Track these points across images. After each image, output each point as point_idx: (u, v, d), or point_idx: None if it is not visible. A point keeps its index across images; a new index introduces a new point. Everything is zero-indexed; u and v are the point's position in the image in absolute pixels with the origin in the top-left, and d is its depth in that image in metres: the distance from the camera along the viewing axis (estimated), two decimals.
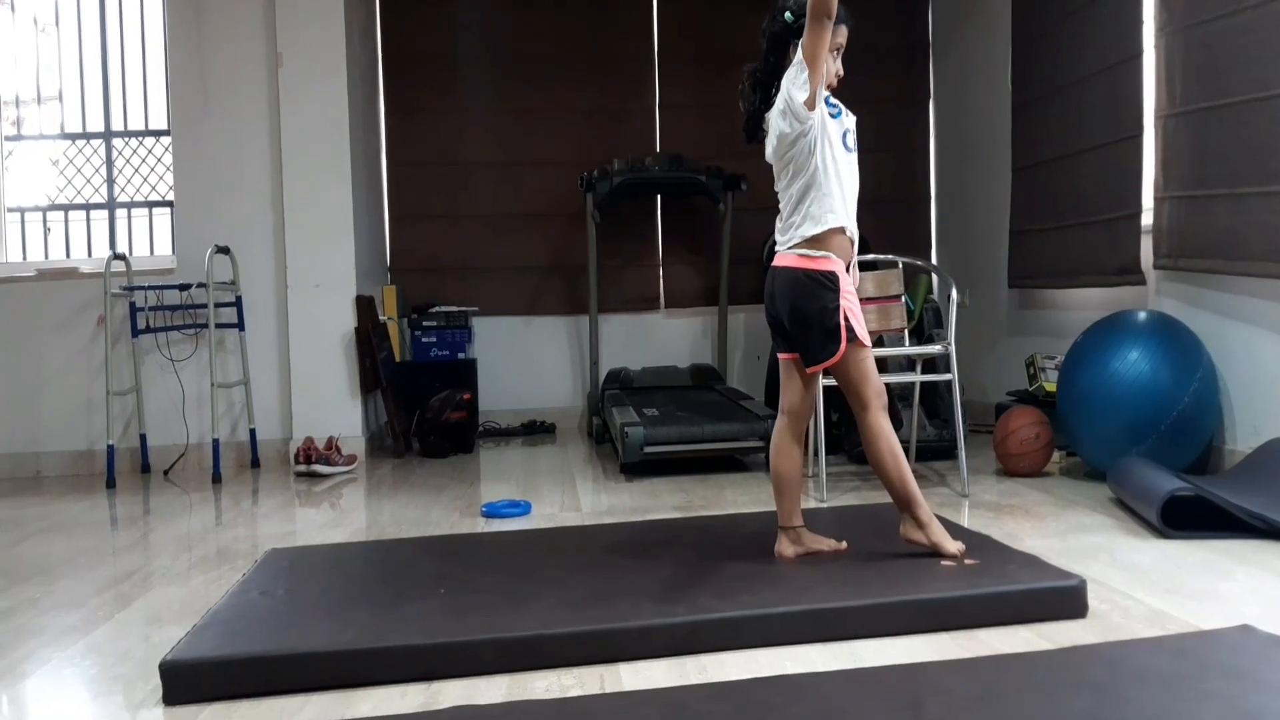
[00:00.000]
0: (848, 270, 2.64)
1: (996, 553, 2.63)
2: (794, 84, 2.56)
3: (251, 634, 2.21)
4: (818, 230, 2.58)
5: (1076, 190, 4.65)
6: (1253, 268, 3.57)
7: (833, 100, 2.63)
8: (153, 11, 5.67)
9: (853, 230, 2.64)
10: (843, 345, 2.57)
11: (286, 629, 2.25)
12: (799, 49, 2.54)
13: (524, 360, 6.33)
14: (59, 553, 3.47)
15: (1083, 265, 4.61)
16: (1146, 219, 4.16)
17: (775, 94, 2.64)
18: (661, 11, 6.39)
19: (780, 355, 2.75)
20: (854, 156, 2.66)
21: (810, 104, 2.54)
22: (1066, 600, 2.29)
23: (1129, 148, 4.22)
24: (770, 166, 2.72)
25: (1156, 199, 4.04)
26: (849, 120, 2.66)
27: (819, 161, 2.57)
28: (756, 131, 2.72)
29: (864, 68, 6.59)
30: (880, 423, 2.60)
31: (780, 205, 2.69)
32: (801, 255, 2.60)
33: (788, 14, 2.61)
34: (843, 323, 2.56)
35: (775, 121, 2.63)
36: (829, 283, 2.57)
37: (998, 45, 5.44)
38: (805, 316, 2.60)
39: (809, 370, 2.67)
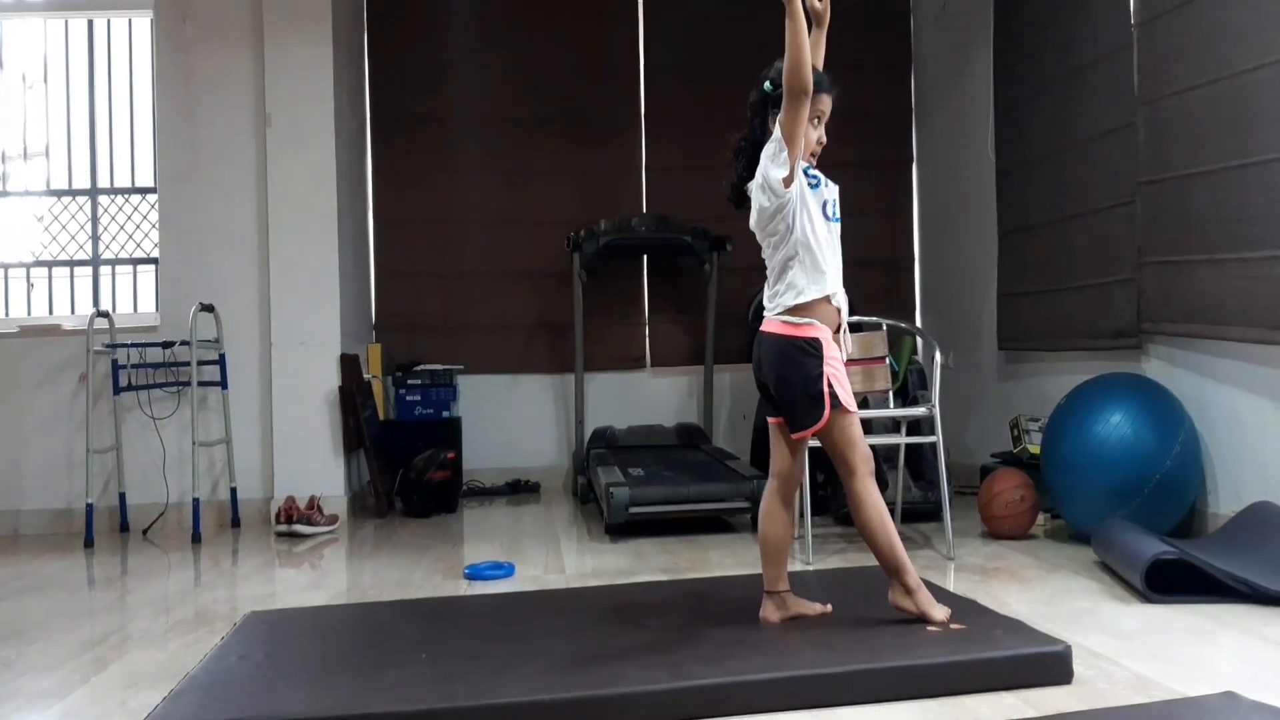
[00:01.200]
0: (838, 332, 2.66)
1: (982, 617, 2.62)
2: (772, 160, 2.58)
3: (230, 700, 2.17)
4: (801, 300, 2.59)
5: (1068, 254, 4.69)
6: (1231, 332, 3.61)
7: (813, 171, 2.65)
8: (141, 69, 5.71)
9: (839, 298, 2.65)
10: (826, 412, 2.57)
11: (265, 695, 2.22)
12: (777, 125, 2.56)
13: (509, 419, 6.31)
14: (35, 614, 3.42)
15: (1076, 328, 4.63)
16: None
17: (758, 164, 2.67)
18: (648, 74, 6.48)
19: (769, 419, 2.75)
20: (836, 226, 2.68)
21: (788, 181, 2.55)
22: (1052, 666, 2.28)
23: (1122, 213, 4.26)
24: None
25: (1139, 264, 4.09)
26: (830, 191, 2.68)
27: (798, 233, 2.58)
28: (743, 200, 2.74)
29: (847, 132, 6.70)
30: (867, 489, 2.60)
31: (767, 272, 2.70)
32: (785, 322, 2.61)
33: (767, 83, 2.65)
34: (826, 389, 2.56)
35: (755, 194, 2.65)
36: (812, 350, 2.58)
37: (979, 111, 5.53)
38: (789, 383, 2.61)
39: (794, 436, 2.67)
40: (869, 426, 4.50)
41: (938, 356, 3.93)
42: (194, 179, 5.43)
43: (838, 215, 2.68)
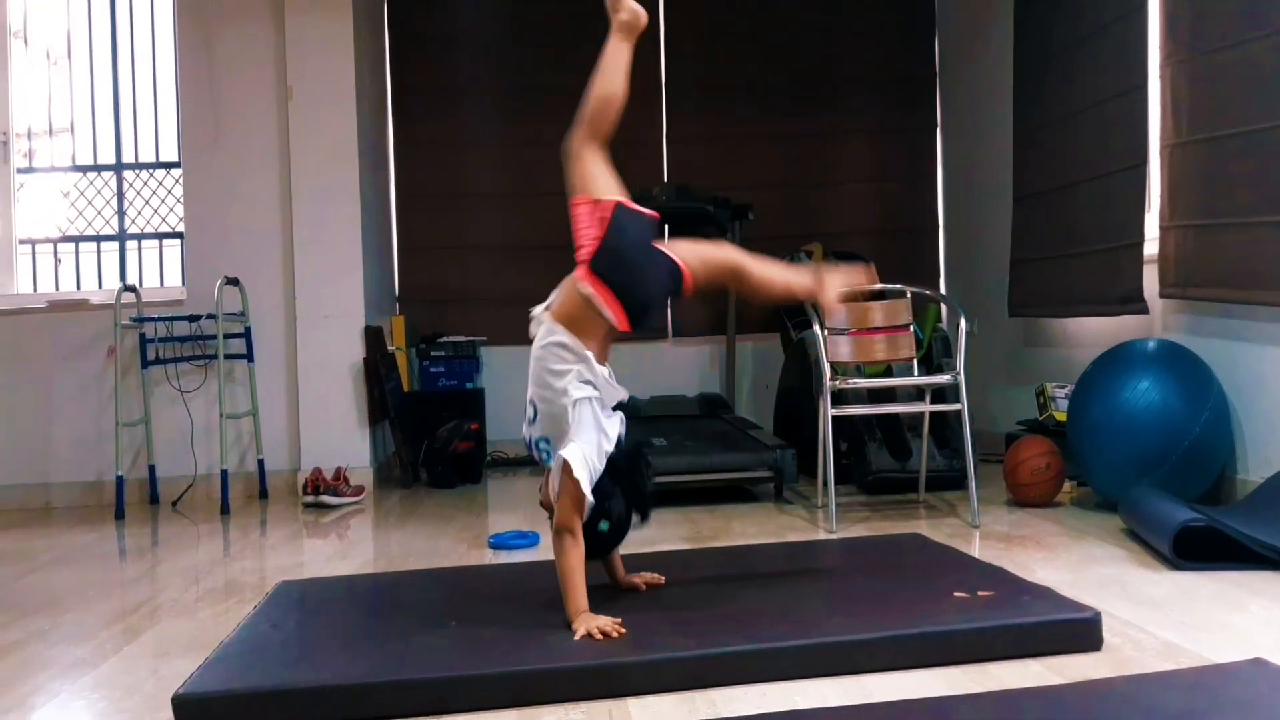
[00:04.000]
0: None
1: (1009, 585, 2.62)
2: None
3: (264, 667, 2.20)
4: None
5: (1078, 219, 4.65)
6: (1265, 297, 3.56)
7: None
8: (164, 44, 5.73)
9: None
10: None
11: (298, 662, 2.24)
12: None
13: None
14: (67, 585, 3.48)
15: (1084, 294, 4.60)
16: (1149, 248, 4.17)
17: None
18: (669, 44, 6.43)
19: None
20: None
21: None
22: (1081, 633, 2.27)
23: (1132, 177, 4.23)
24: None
25: (1162, 228, 4.04)
26: None
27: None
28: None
29: (871, 97, 6.68)
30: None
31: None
32: None
33: (602, 524, 2.52)
34: None
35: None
36: None
37: (1004, 75, 5.46)
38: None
39: None
40: (894, 394, 4.49)
41: (962, 324, 3.90)
42: (218, 153, 5.45)
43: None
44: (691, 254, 2.65)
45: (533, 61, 6.40)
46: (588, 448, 2.45)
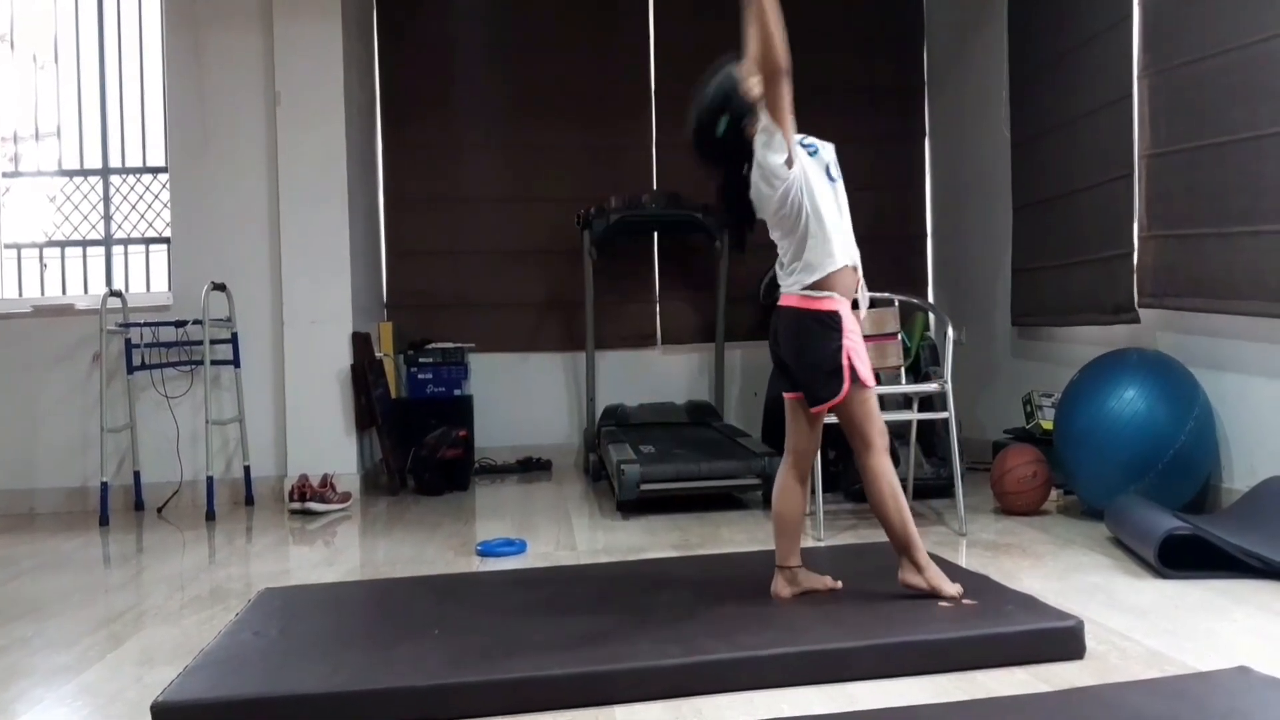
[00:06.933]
0: (855, 304, 2.64)
1: (994, 593, 2.62)
2: (767, 148, 2.55)
3: (245, 675, 2.19)
4: (818, 276, 2.58)
5: (1075, 228, 4.67)
6: (1242, 307, 3.58)
7: (807, 140, 2.63)
8: (152, 49, 5.71)
9: (854, 259, 2.64)
10: (845, 386, 2.56)
11: (280, 670, 2.23)
12: (763, 113, 2.52)
13: (520, 397, 6.32)
14: (51, 591, 3.45)
15: (1081, 303, 4.62)
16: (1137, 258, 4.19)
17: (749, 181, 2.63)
18: (658, 50, 6.44)
19: (786, 395, 2.74)
20: (839, 185, 2.66)
21: (790, 163, 2.53)
22: (1064, 641, 2.28)
23: (1122, 186, 4.25)
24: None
25: (1141, 238, 4.06)
26: (827, 152, 2.66)
27: (808, 210, 2.56)
28: (746, 234, 2.77)
29: (860, 105, 6.70)
30: (882, 464, 2.60)
31: (779, 251, 2.69)
32: (804, 296, 2.60)
33: (723, 122, 2.60)
34: (845, 363, 2.56)
35: (757, 185, 2.62)
36: (831, 322, 2.57)
37: (992, 84, 5.49)
38: (808, 357, 2.60)
39: (813, 411, 2.66)
40: (881, 403, 4.49)
41: (950, 332, 3.91)
42: (205, 158, 5.43)
43: (838, 174, 2.66)
44: None
45: (524, 66, 6.40)
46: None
